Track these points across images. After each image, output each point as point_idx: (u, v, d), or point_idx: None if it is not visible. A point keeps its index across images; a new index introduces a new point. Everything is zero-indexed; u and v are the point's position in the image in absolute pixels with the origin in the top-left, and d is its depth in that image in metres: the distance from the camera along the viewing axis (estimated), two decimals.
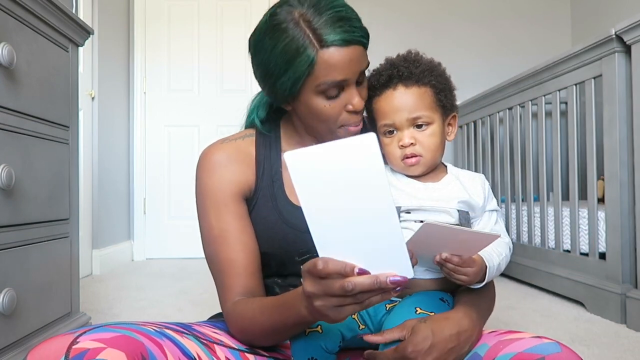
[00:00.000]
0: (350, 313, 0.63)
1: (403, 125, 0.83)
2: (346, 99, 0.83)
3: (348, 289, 0.59)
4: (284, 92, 0.83)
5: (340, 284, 0.60)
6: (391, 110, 0.84)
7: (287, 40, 0.78)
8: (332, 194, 0.58)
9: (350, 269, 0.60)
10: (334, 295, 0.61)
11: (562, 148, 2.36)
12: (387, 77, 0.85)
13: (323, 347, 0.76)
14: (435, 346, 0.70)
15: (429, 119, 0.83)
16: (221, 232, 0.87)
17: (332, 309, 0.62)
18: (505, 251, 0.84)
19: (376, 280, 0.59)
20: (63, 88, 1.47)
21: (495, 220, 0.88)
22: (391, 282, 0.60)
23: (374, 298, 0.62)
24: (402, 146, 0.83)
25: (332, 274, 0.60)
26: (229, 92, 3.62)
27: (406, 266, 0.60)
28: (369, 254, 0.60)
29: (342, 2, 0.81)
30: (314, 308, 0.64)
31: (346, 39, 0.78)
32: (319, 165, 0.57)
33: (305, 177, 0.58)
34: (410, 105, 0.83)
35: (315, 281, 0.62)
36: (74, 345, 0.60)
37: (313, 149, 0.57)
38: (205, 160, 0.91)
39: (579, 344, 1.55)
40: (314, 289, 0.62)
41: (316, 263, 0.61)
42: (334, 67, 0.79)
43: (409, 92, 0.83)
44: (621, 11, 3.18)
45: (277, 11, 0.81)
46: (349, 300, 0.61)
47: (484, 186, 0.88)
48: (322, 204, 0.59)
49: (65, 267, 1.48)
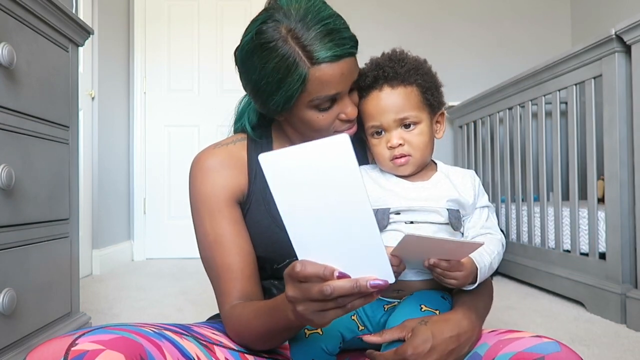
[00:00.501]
0: (333, 317, 0.62)
1: (391, 126, 0.82)
2: (339, 109, 0.83)
3: (327, 293, 0.58)
4: (276, 108, 0.83)
5: (319, 288, 0.59)
6: (378, 112, 0.83)
7: (277, 60, 0.77)
8: (308, 195, 0.57)
9: (329, 273, 0.59)
10: (314, 299, 0.60)
11: (562, 148, 2.36)
12: (373, 78, 0.84)
13: (324, 348, 0.76)
14: (436, 348, 0.70)
15: (417, 118, 0.83)
16: (216, 238, 0.87)
17: (315, 314, 0.61)
18: (497, 248, 0.84)
19: (356, 284, 0.58)
20: (63, 88, 1.47)
21: (486, 216, 0.87)
22: (371, 286, 0.58)
23: (356, 302, 0.61)
24: (390, 147, 0.82)
25: (310, 277, 0.59)
26: (229, 92, 3.61)
27: (386, 270, 0.59)
28: (349, 257, 0.59)
29: (329, 13, 0.79)
30: (297, 313, 0.63)
31: (337, 54, 0.77)
32: (293, 166, 0.56)
33: (279, 178, 0.57)
34: (397, 105, 0.82)
35: (295, 285, 0.61)
36: (72, 347, 0.59)
37: (287, 150, 0.56)
38: (197, 167, 0.91)
39: (579, 344, 1.55)
40: (294, 294, 0.62)
41: (294, 266, 0.60)
42: (327, 83, 0.78)
43: (395, 93, 0.83)
44: (621, 11, 3.18)
45: (263, 28, 0.79)
46: (330, 305, 0.60)
47: (474, 182, 0.87)
48: (298, 206, 0.58)
49: (65, 267, 1.48)
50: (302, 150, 0.55)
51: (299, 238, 0.60)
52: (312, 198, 0.57)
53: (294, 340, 0.77)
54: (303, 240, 0.60)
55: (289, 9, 0.78)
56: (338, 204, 0.56)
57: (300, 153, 0.56)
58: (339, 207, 0.57)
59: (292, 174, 0.56)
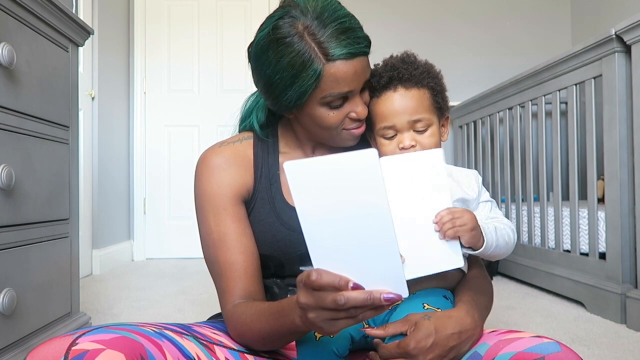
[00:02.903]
0: (343, 327, 0.62)
1: (404, 127, 0.83)
2: (350, 107, 0.84)
3: (340, 303, 0.58)
4: (288, 104, 0.83)
5: (333, 298, 0.59)
6: (391, 113, 0.84)
7: (293, 55, 0.78)
8: (330, 207, 0.57)
9: (344, 283, 0.59)
10: (327, 308, 0.60)
11: (562, 148, 2.36)
12: (388, 79, 0.85)
13: (335, 351, 0.76)
14: (438, 344, 0.71)
15: (429, 121, 0.84)
16: (220, 236, 0.87)
17: (325, 322, 0.62)
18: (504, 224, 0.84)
19: (370, 296, 0.59)
20: (63, 88, 1.47)
21: (489, 208, 0.89)
22: (385, 300, 0.59)
23: (367, 313, 0.61)
24: (402, 148, 0.83)
25: (325, 287, 0.59)
26: (229, 92, 3.62)
27: (401, 284, 0.59)
28: (365, 269, 0.59)
29: (345, 12, 0.80)
30: (307, 319, 0.63)
31: (352, 52, 0.78)
32: (319, 177, 0.56)
33: (303, 188, 0.57)
34: (411, 107, 0.83)
35: (308, 293, 0.61)
36: (73, 347, 0.59)
37: (314, 160, 0.56)
38: (203, 164, 0.91)
39: (579, 344, 1.55)
40: (307, 301, 0.62)
41: (310, 274, 0.60)
42: (341, 80, 0.79)
43: (409, 95, 0.84)
44: (621, 11, 3.18)
45: (279, 24, 0.79)
46: (342, 314, 0.61)
47: (477, 181, 0.89)
48: (319, 216, 0.58)
49: (65, 267, 1.48)
50: (329, 161, 0.56)
51: (316, 246, 0.60)
52: (333, 208, 0.57)
53: (301, 342, 0.77)
54: (320, 249, 0.60)
55: (306, 7, 0.79)
56: (359, 216, 0.57)
57: (327, 164, 0.56)
58: (360, 220, 0.57)
59: (317, 184, 0.57)
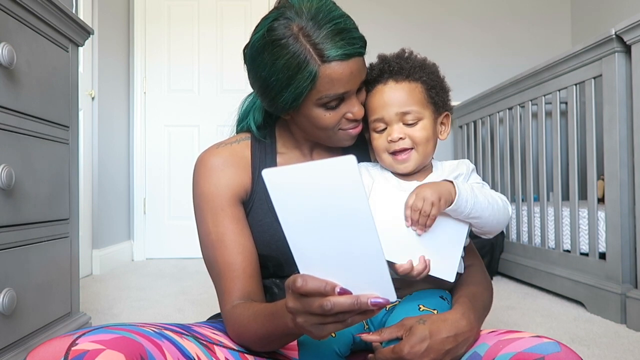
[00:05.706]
0: (332, 331, 0.62)
1: (392, 119, 0.83)
2: (346, 108, 0.84)
3: (327, 309, 0.58)
4: (284, 105, 0.83)
5: (320, 303, 0.58)
6: (381, 105, 0.84)
7: (288, 57, 0.78)
8: (312, 213, 0.56)
9: (330, 288, 0.58)
10: (314, 313, 0.60)
11: (562, 148, 2.36)
12: (379, 72, 0.85)
13: (336, 350, 0.76)
14: (432, 347, 0.70)
15: (419, 114, 0.83)
16: (219, 237, 0.87)
17: (314, 326, 0.62)
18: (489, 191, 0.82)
19: (356, 301, 0.58)
20: (63, 88, 1.47)
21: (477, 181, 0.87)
22: (372, 304, 0.58)
23: (356, 317, 0.61)
24: (391, 141, 0.83)
25: (311, 293, 0.59)
26: (229, 92, 3.61)
27: (388, 288, 0.59)
28: (351, 274, 0.59)
29: (340, 13, 0.80)
30: (296, 323, 0.63)
31: (347, 52, 0.78)
32: (298, 184, 0.56)
33: (283, 195, 0.57)
34: (400, 100, 0.83)
35: (295, 298, 0.61)
36: (73, 347, 0.60)
37: (292, 167, 0.56)
38: (201, 165, 0.91)
39: (579, 344, 1.55)
40: (295, 306, 0.62)
41: (296, 280, 0.60)
42: (336, 81, 0.79)
43: (399, 87, 0.83)
44: (621, 11, 3.18)
45: (274, 25, 0.79)
46: (329, 319, 0.60)
47: (467, 166, 0.88)
48: (301, 223, 0.58)
49: (65, 267, 1.48)
50: (307, 168, 0.55)
51: (301, 253, 0.60)
52: (315, 215, 0.57)
53: (303, 342, 0.77)
54: (305, 255, 0.60)
55: (301, 8, 0.79)
56: (342, 222, 0.56)
57: (306, 171, 0.55)
58: (342, 226, 0.56)
59: (296, 191, 0.56)
